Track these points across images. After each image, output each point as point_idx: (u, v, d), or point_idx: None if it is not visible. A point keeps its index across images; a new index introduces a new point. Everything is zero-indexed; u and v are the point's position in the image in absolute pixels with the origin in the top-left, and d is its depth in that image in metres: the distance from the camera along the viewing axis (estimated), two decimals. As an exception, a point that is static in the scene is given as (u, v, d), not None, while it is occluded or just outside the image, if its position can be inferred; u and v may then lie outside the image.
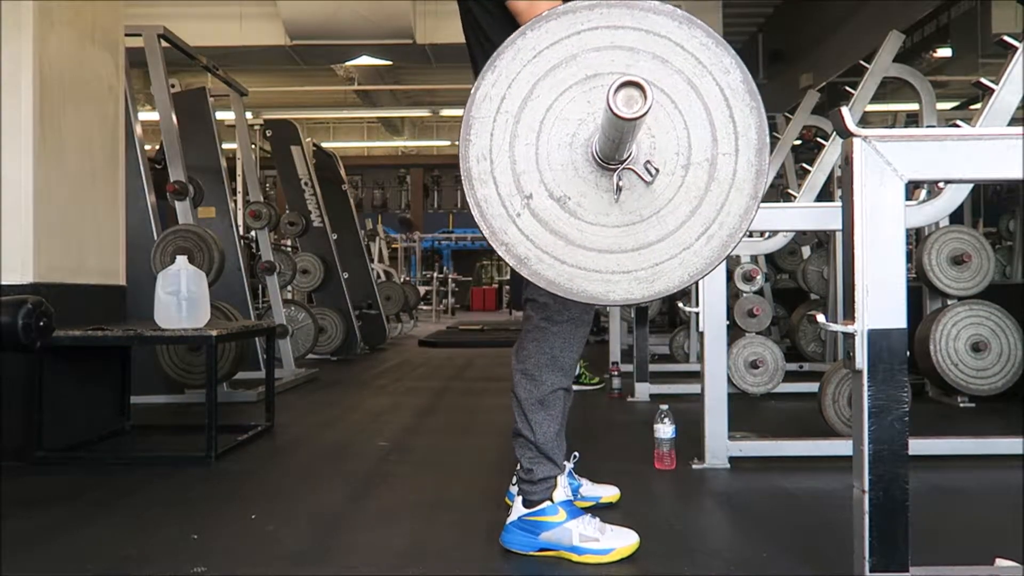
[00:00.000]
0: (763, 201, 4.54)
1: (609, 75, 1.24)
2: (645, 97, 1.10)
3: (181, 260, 3.05)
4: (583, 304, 1.75)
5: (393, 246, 14.23)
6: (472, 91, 1.25)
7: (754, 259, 4.76)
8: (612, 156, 1.22)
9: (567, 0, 1.28)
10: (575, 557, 1.81)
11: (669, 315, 8.60)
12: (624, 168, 1.23)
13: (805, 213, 2.87)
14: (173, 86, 4.53)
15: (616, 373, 4.56)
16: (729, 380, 3.83)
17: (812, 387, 3.84)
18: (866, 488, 1.41)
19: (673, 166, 1.25)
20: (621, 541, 1.82)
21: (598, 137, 1.23)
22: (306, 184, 7.02)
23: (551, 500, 1.84)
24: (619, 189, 1.24)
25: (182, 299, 2.96)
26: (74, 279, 3.11)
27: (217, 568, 1.78)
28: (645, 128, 1.25)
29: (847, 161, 1.44)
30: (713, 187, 1.25)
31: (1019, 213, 5.53)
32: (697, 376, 2.78)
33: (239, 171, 7.60)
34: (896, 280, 1.42)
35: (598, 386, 4.84)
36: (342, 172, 8.08)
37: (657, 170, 1.23)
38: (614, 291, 1.27)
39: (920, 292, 4.20)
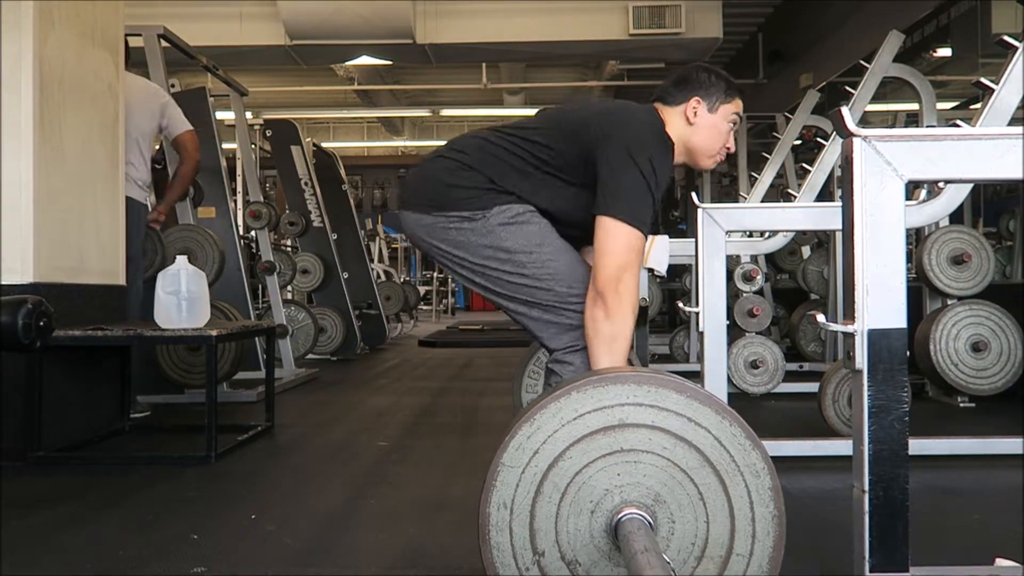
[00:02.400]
0: (763, 201, 4.47)
1: (645, 453, 1.26)
2: None
3: (181, 260, 3.04)
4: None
5: (393, 246, 14.22)
6: (506, 438, 1.26)
7: (754, 259, 4.75)
8: None
9: None
10: (575, 557, 1.80)
11: (669, 315, 8.59)
12: None
13: (805, 213, 2.87)
14: (173, 86, 4.52)
15: (616, 373, 4.54)
16: (729, 380, 3.83)
17: (812, 387, 3.84)
18: (866, 488, 1.40)
19: (687, 555, 1.27)
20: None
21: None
22: (306, 184, 7.02)
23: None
24: None
25: (182, 299, 2.96)
26: (74, 279, 3.10)
27: (217, 568, 1.78)
28: (667, 513, 1.27)
29: (847, 161, 1.44)
30: None
31: (1019, 213, 5.53)
32: (697, 376, 2.77)
33: (239, 171, 7.61)
34: (896, 280, 1.42)
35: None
36: (342, 172, 8.07)
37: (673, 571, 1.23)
38: None
39: (920, 292, 4.20)
